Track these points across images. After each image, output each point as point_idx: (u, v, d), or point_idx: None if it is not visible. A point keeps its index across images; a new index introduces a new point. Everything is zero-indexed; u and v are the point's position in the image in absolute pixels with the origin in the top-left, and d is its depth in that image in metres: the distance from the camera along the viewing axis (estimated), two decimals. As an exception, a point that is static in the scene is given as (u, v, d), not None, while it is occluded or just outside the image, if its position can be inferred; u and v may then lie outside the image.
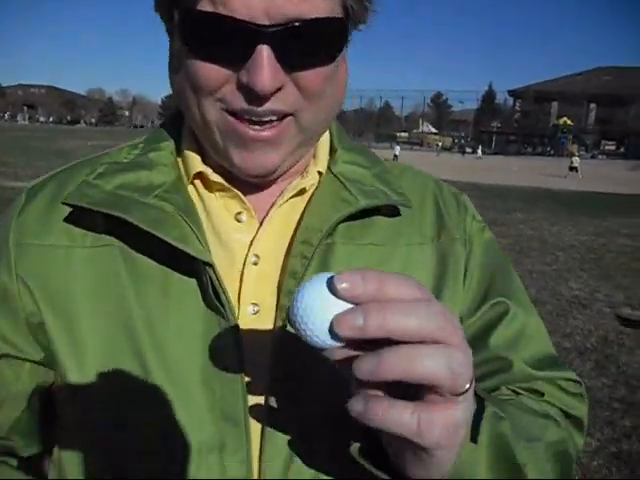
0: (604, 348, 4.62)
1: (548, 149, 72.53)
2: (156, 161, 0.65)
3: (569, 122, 69.31)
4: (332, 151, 0.71)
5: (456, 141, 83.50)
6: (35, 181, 0.70)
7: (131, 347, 0.60)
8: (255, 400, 0.61)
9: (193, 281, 0.61)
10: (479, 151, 50.49)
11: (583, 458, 3.05)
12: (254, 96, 0.54)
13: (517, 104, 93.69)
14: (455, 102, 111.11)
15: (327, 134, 0.72)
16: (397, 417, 0.40)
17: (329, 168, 0.68)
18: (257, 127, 0.57)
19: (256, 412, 0.61)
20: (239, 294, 0.62)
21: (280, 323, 0.61)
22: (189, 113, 0.60)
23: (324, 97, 0.59)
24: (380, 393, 0.43)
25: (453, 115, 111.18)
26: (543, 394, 0.70)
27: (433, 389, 0.40)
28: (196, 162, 0.65)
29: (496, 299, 0.71)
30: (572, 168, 28.19)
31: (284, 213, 0.66)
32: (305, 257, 0.62)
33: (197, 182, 0.65)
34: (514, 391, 0.69)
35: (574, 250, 8.62)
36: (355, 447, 0.52)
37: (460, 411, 0.42)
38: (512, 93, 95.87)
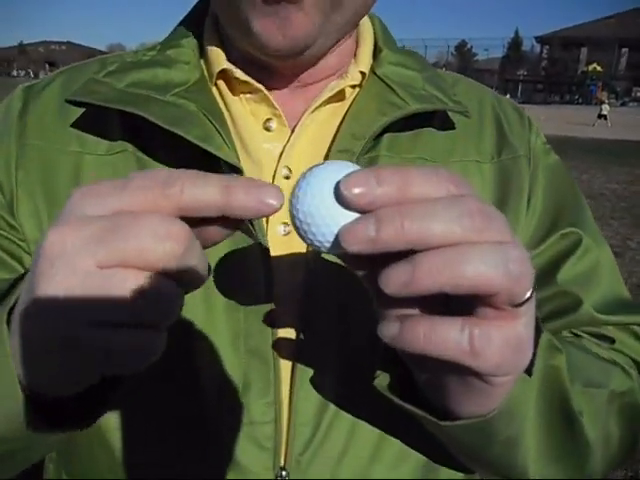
0: (636, 296, 4.52)
1: (576, 97, 70.54)
2: (175, 59, 0.57)
3: (598, 68, 67.15)
4: (376, 52, 0.61)
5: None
6: (32, 82, 0.62)
7: None
8: (285, 334, 0.53)
9: None
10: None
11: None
12: None
13: (544, 51, 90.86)
14: (480, 50, 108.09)
15: (370, 32, 0.62)
16: (444, 336, 0.31)
17: (373, 71, 0.59)
18: None
19: (286, 347, 0.53)
20: None
21: None
22: None
23: None
24: (414, 312, 0.34)
25: (478, 64, 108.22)
26: (613, 341, 0.60)
27: (485, 301, 0.31)
28: (220, 59, 0.57)
29: (566, 229, 0.62)
30: (601, 116, 27.37)
31: (320, 120, 0.57)
32: None
33: (221, 84, 0.57)
34: (578, 335, 0.60)
35: (604, 198, 8.37)
36: (382, 381, 0.44)
37: (522, 326, 0.33)
38: (539, 39, 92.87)
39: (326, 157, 0.55)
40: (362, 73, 0.58)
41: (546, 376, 0.46)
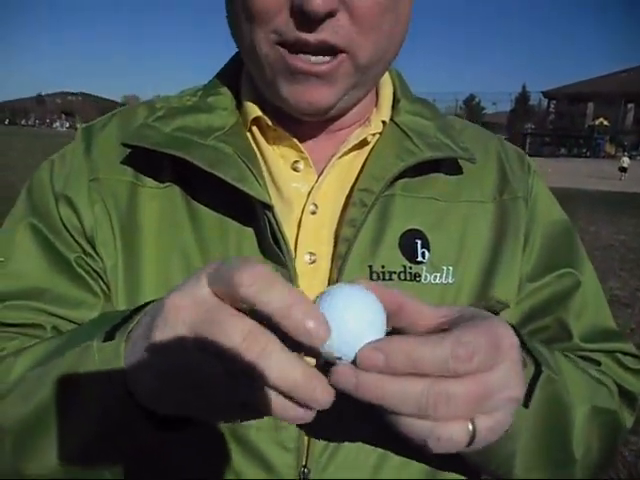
0: (647, 347, 4.49)
1: (584, 150, 71.24)
2: (215, 105, 0.65)
3: (605, 123, 68.00)
4: (395, 102, 0.68)
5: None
6: (89, 123, 0.70)
7: None
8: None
9: (251, 226, 0.60)
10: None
11: (629, 456, 2.96)
12: (306, 20, 0.51)
13: (551, 105, 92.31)
14: (488, 104, 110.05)
15: (390, 83, 0.69)
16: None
17: (392, 119, 0.66)
18: (309, 59, 0.53)
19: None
20: (296, 243, 0.61)
21: (336, 272, 0.59)
22: (242, 45, 0.59)
23: (380, 31, 0.55)
24: None
25: (486, 117, 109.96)
26: (599, 363, 0.67)
27: None
28: (254, 108, 0.64)
29: (564, 269, 0.69)
30: (623, 169, 27.18)
31: (345, 163, 0.64)
32: (365, 205, 0.60)
33: (254, 129, 0.65)
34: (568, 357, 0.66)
35: (613, 249, 8.39)
36: None
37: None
38: (546, 94, 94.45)
39: (349, 196, 0.62)
40: (383, 122, 0.65)
41: (545, 402, 0.51)
